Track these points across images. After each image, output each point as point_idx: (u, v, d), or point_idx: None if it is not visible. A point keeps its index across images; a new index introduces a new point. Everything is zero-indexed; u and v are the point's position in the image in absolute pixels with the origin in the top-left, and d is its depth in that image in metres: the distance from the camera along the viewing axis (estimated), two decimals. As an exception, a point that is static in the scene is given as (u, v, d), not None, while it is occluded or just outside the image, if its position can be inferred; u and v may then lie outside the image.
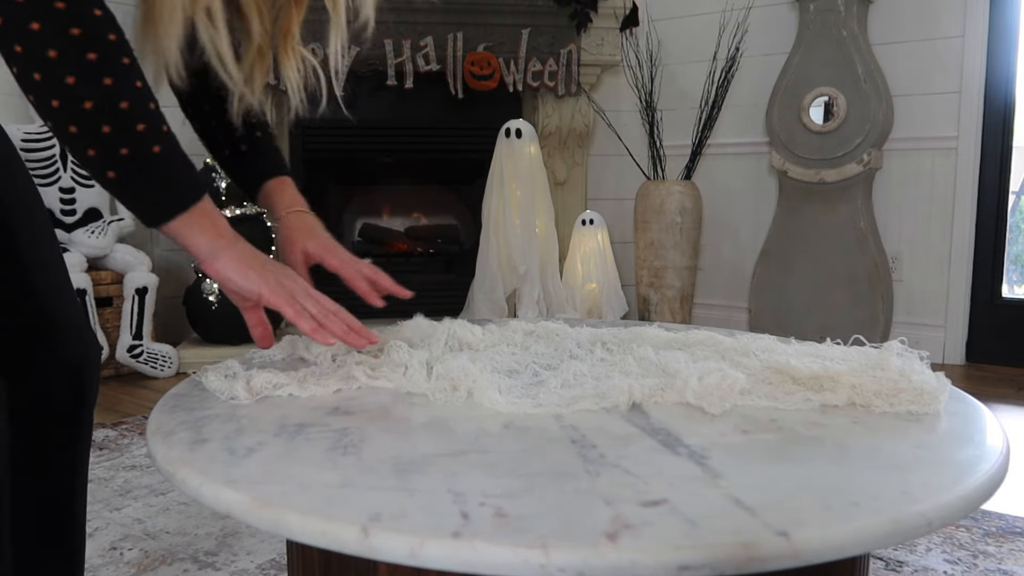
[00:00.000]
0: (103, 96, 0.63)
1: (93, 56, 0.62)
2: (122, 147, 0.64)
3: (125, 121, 0.64)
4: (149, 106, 0.66)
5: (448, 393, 0.72)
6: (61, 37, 0.61)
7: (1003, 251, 3.05)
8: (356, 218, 3.93)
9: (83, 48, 0.62)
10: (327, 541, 0.47)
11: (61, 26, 0.61)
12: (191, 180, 0.70)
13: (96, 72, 0.62)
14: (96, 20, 0.63)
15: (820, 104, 3.12)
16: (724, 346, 0.90)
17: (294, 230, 0.92)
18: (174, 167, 0.68)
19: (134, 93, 0.65)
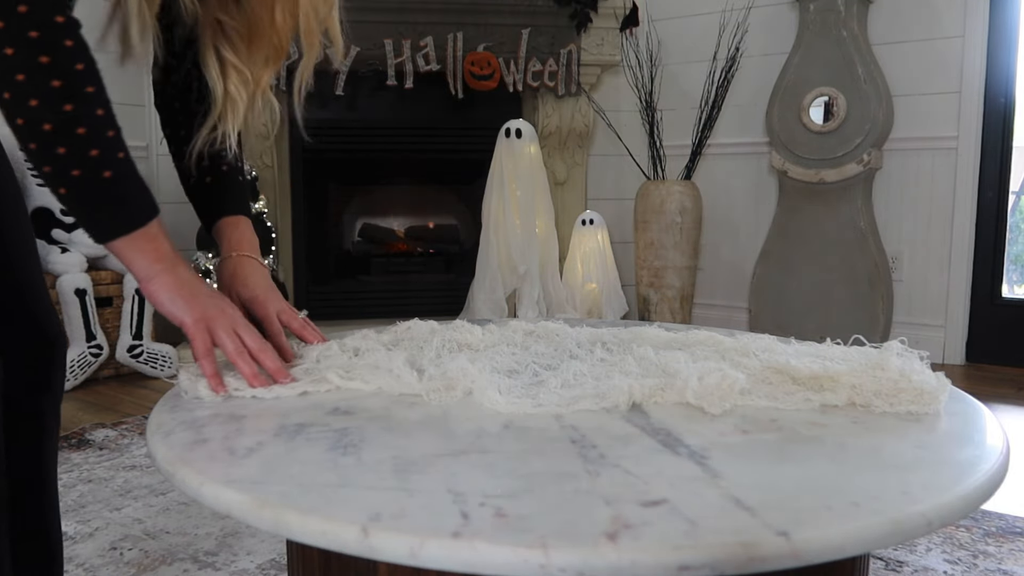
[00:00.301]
0: (62, 121, 0.68)
1: (57, 83, 0.67)
2: (74, 169, 0.69)
3: (80, 145, 0.69)
4: (107, 133, 0.71)
5: (441, 393, 0.72)
6: (30, 63, 0.67)
7: (1003, 251, 3.05)
8: (356, 218, 3.93)
9: (49, 75, 0.67)
10: (327, 541, 0.47)
11: (32, 54, 0.67)
12: (139, 205, 0.74)
13: (58, 98, 0.68)
14: (65, 50, 0.68)
15: (820, 104, 3.12)
16: (724, 346, 0.90)
17: (231, 275, 0.93)
18: (123, 192, 0.73)
19: (92, 120, 0.70)
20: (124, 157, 0.72)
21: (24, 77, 0.66)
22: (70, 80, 0.68)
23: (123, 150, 0.73)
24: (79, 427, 2.25)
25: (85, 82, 0.69)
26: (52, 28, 0.67)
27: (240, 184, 0.99)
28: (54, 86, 0.67)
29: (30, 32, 0.66)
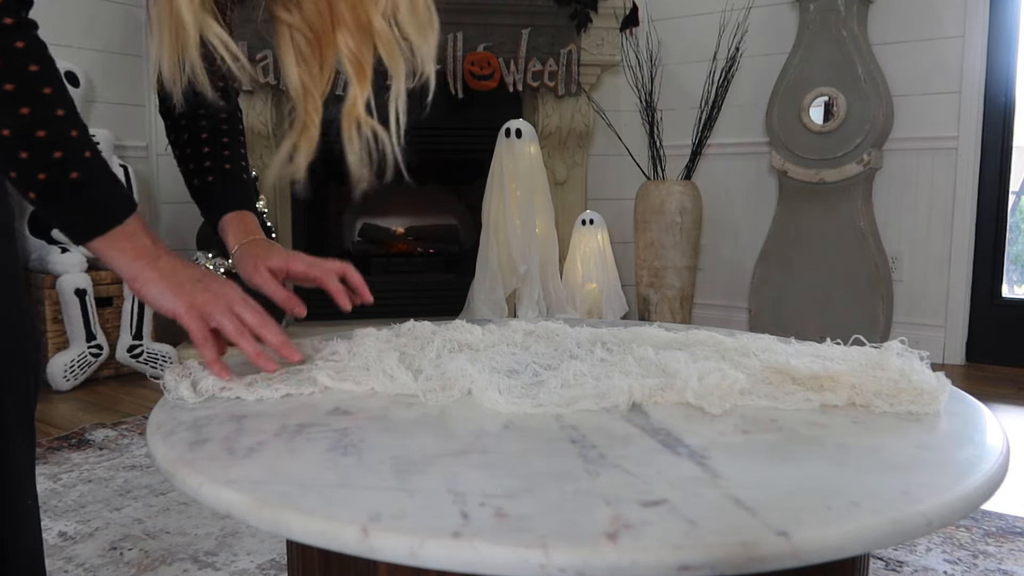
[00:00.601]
0: (20, 125, 0.66)
1: (10, 87, 0.66)
2: (39, 172, 0.68)
3: (41, 149, 0.67)
4: (70, 134, 0.69)
5: (437, 393, 0.72)
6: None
7: (1003, 251, 3.06)
8: (356, 218, 3.93)
9: (1, 79, 0.66)
10: (327, 541, 0.47)
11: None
12: (112, 204, 0.72)
13: (13, 102, 0.66)
14: (17, 52, 0.67)
15: (820, 104, 3.12)
16: (724, 346, 0.90)
17: (251, 255, 0.91)
18: (93, 191, 0.71)
19: (52, 121, 0.68)
20: (91, 156, 0.71)
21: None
22: (24, 82, 0.66)
23: (89, 148, 0.71)
24: (79, 427, 2.25)
25: (41, 83, 0.68)
26: (1, 32, 0.66)
27: (245, 180, 0.98)
28: (7, 90, 0.66)
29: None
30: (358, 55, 0.82)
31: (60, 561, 1.43)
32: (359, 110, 0.84)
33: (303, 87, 0.82)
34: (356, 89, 0.83)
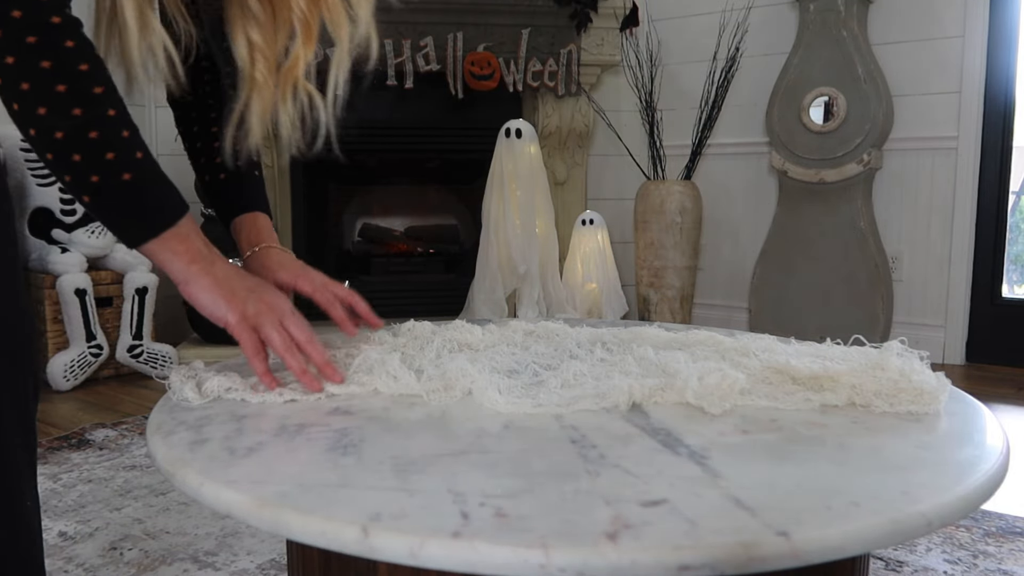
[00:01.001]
0: (72, 127, 0.65)
1: (63, 88, 0.64)
2: (92, 175, 0.67)
3: (94, 150, 0.66)
4: (122, 134, 0.68)
5: (440, 393, 0.72)
6: (32, 70, 0.64)
7: (1003, 251, 3.05)
8: (356, 218, 3.93)
9: (53, 80, 0.64)
10: (327, 541, 0.47)
11: (32, 60, 0.64)
12: (165, 206, 0.71)
13: (65, 103, 0.65)
14: (67, 51, 0.65)
15: (820, 104, 3.12)
16: (724, 346, 0.90)
17: (261, 265, 0.90)
18: (146, 194, 0.70)
19: (104, 122, 0.67)
20: (143, 157, 0.69)
21: (28, 85, 0.63)
22: (75, 83, 0.65)
23: (141, 149, 0.69)
24: (79, 427, 2.25)
25: (92, 83, 0.66)
26: (50, 30, 0.64)
27: (257, 180, 0.96)
28: (59, 91, 0.64)
29: (28, 37, 0.63)
30: (308, 15, 0.80)
31: (60, 561, 1.43)
32: (299, 71, 0.82)
33: (251, 45, 0.79)
34: (301, 49, 0.81)
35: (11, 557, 0.77)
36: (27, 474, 0.79)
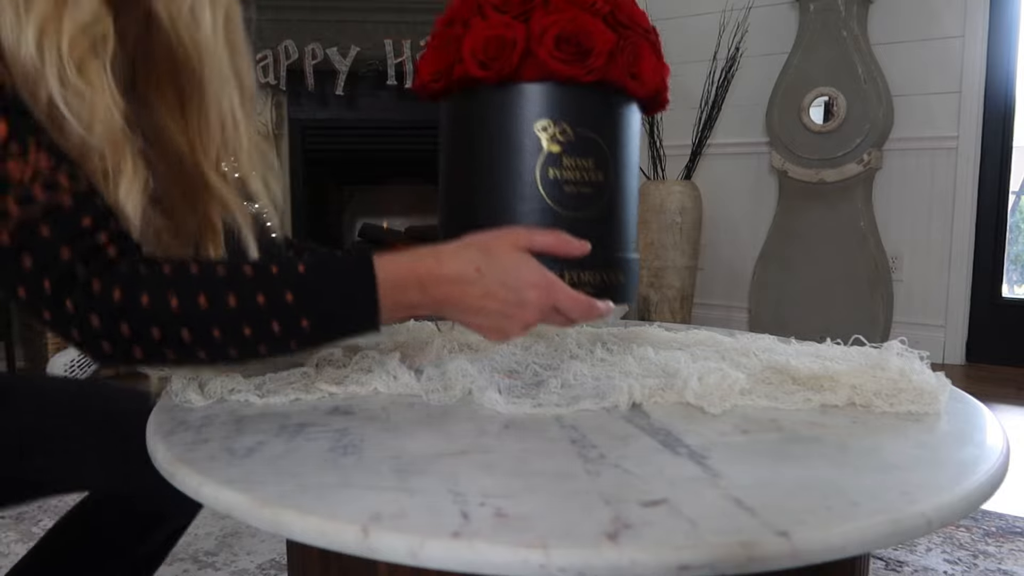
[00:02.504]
0: (248, 342, 0.60)
1: (217, 332, 0.59)
2: (291, 341, 0.61)
3: (272, 335, 0.60)
4: (269, 270, 0.60)
5: (440, 394, 0.72)
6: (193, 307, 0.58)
7: (1003, 251, 3.06)
8: (356, 218, 3.93)
9: (208, 322, 0.59)
10: (327, 541, 0.47)
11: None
12: (356, 302, 0.61)
13: (236, 328, 0.59)
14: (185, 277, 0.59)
15: (820, 104, 3.12)
16: (724, 346, 0.90)
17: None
18: (335, 307, 0.61)
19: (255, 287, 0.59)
20: (305, 273, 0.60)
21: (220, 331, 0.58)
22: (218, 288, 0.58)
23: (289, 289, 0.59)
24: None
25: (229, 296, 0.58)
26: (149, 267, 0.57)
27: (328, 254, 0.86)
28: (215, 335, 0.59)
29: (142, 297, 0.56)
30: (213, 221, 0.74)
31: (60, 561, 1.43)
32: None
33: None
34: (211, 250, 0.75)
35: None
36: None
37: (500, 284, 0.62)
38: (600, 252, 0.64)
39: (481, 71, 0.60)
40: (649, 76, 0.62)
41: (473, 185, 0.66)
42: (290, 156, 3.47)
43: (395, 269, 0.61)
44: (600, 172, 0.63)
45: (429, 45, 0.65)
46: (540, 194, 0.63)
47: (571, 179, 0.62)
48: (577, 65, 0.59)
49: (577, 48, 0.59)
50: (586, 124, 0.62)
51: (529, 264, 0.63)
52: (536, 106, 0.62)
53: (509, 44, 0.59)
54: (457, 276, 0.62)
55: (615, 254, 0.65)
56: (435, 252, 0.63)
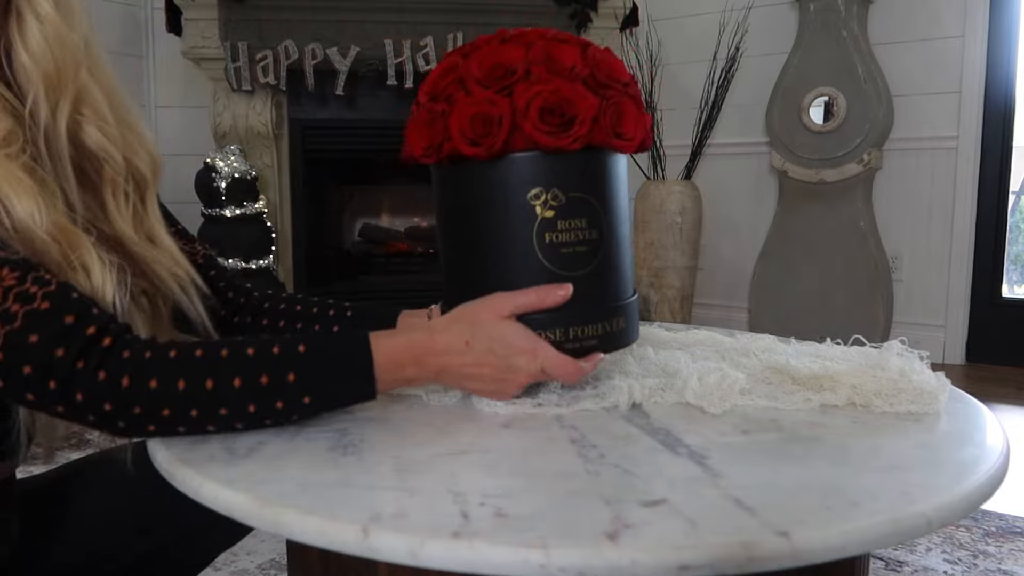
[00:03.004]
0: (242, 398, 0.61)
1: (210, 383, 0.60)
2: (291, 415, 0.63)
3: (255, 414, 0.62)
4: (271, 350, 0.62)
5: (440, 394, 0.72)
6: (197, 391, 0.60)
7: (1003, 251, 3.05)
8: (356, 218, 3.94)
9: (190, 401, 0.61)
10: (327, 541, 0.47)
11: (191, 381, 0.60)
12: (351, 381, 0.64)
13: (222, 395, 0.61)
14: (178, 359, 0.61)
15: (820, 104, 3.12)
16: (724, 346, 0.90)
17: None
18: (334, 376, 0.63)
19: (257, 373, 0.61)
20: (305, 348, 0.62)
21: (198, 411, 0.60)
22: (204, 378, 0.60)
23: (292, 370, 0.61)
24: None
25: (213, 363, 0.61)
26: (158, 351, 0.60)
27: (324, 335, 0.80)
28: (223, 413, 0.60)
29: (151, 380, 0.59)
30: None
31: (60, 561, 1.43)
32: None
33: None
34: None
35: None
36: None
37: (488, 352, 0.65)
38: (600, 305, 0.67)
39: (471, 148, 0.62)
40: (633, 132, 0.64)
41: (472, 253, 0.68)
42: (290, 156, 3.47)
43: (390, 350, 0.64)
44: (594, 230, 0.66)
45: (414, 117, 0.67)
46: (538, 258, 0.65)
47: (567, 240, 0.65)
48: (562, 136, 0.61)
49: (561, 119, 0.61)
50: (576, 187, 0.64)
51: (515, 331, 0.66)
52: (527, 176, 0.64)
53: (496, 121, 0.61)
54: (448, 348, 0.65)
55: (614, 304, 0.69)
56: (427, 328, 0.67)
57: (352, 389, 0.64)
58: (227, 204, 3.05)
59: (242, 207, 3.08)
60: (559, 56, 0.63)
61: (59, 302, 0.59)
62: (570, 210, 0.65)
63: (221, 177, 3.05)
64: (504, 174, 0.64)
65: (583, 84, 0.62)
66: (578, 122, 0.61)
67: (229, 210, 3.06)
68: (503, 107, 0.61)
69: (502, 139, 0.61)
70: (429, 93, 0.66)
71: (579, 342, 0.67)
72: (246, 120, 3.29)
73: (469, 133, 0.62)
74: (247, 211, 3.09)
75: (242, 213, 3.06)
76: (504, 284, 0.67)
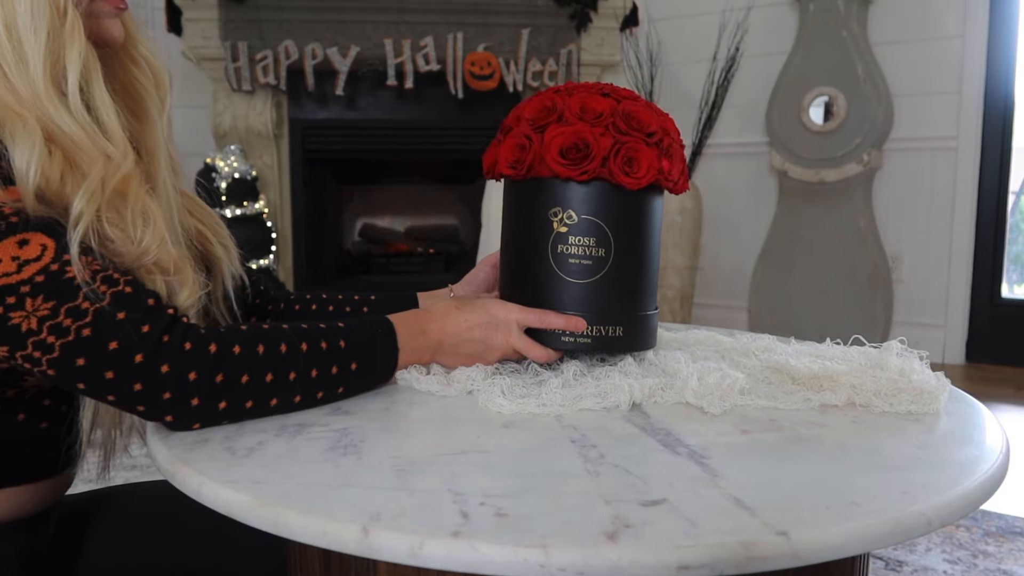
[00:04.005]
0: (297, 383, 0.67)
1: (270, 376, 0.66)
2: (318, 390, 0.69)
3: (323, 378, 0.69)
4: (319, 345, 0.69)
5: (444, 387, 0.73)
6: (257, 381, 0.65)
7: (1003, 251, 3.06)
8: (356, 218, 3.94)
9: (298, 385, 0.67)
10: (327, 541, 0.47)
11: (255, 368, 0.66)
12: (377, 353, 0.73)
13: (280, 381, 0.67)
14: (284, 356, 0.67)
15: (820, 104, 3.12)
16: (724, 346, 0.90)
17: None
18: (362, 354, 0.71)
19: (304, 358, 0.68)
20: (348, 342, 0.70)
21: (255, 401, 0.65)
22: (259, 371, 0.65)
23: (342, 338, 0.70)
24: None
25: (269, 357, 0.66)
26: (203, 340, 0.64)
27: (332, 299, 0.96)
28: (291, 378, 0.66)
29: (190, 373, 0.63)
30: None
31: (60, 561, 1.43)
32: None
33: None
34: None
35: None
36: None
37: (474, 313, 0.78)
38: (599, 312, 0.79)
39: (510, 171, 0.80)
40: (644, 172, 0.76)
41: (510, 252, 0.84)
42: (290, 156, 3.47)
43: (403, 320, 0.76)
44: (602, 248, 0.78)
45: (500, 140, 0.84)
46: (550, 264, 0.79)
47: (575, 253, 0.78)
48: (574, 168, 0.75)
49: (576, 154, 0.75)
50: (586, 211, 0.78)
51: (495, 302, 0.80)
52: (547, 197, 0.78)
53: (527, 151, 0.78)
54: (443, 313, 0.78)
55: (615, 313, 0.79)
56: (428, 310, 0.80)
57: (384, 351, 0.73)
58: (227, 204, 3.05)
59: (242, 207, 3.08)
60: (592, 106, 0.78)
61: (139, 286, 0.64)
62: (581, 229, 0.78)
63: (221, 177, 3.06)
64: (531, 192, 0.80)
65: (606, 128, 0.77)
66: (589, 158, 0.75)
67: (229, 210, 3.06)
68: (535, 141, 0.78)
69: (527, 165, 0.77)
70: (505, 126, 0.84)
71: (574, 337, 0.79)
72: (246, 120, 3.29)
73: (510, 158, 0.80)
74: (247, 211, 3.09)
75: (242, 213, 3.07)
76: (520, 279, 0.82)
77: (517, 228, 0.83)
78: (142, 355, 0.61)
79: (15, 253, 0.60)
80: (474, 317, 0.77)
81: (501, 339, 0.77)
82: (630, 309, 0.80)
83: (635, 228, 0.79)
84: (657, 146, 0.78)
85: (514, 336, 0.78)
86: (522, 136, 0.79)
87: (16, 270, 0.59)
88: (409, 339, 0.74)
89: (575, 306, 0.79)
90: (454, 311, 0.78)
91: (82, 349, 0.60)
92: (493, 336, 0.77)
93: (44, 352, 0.60)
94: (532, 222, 0.79)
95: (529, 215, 0.80)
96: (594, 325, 0.78)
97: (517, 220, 0.82)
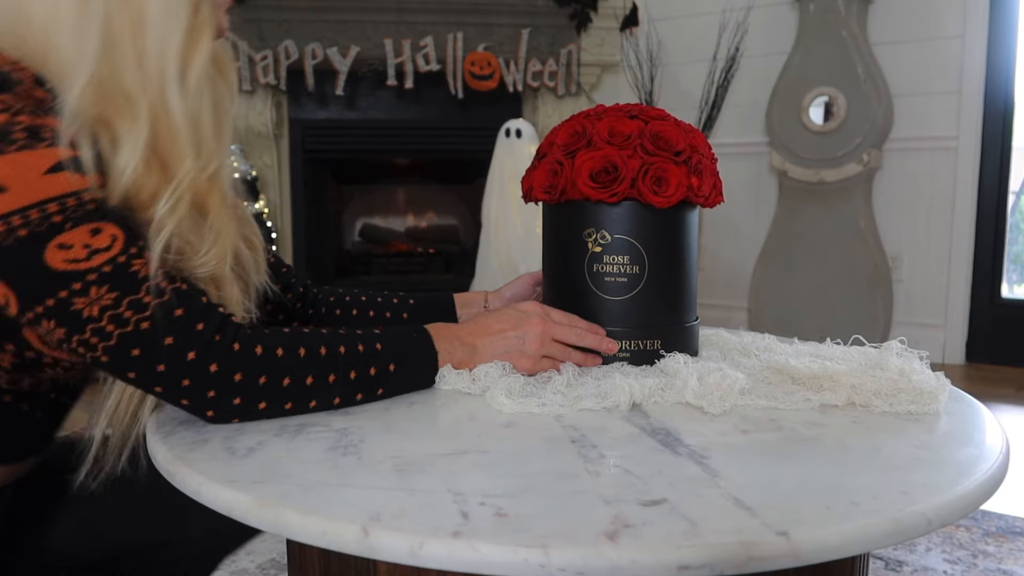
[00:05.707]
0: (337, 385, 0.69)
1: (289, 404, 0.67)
2: (359, 392, 0.70)
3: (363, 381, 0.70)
4: (357, 348, 0.70)
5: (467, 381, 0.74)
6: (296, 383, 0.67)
7: (1003, 251, 3.06)
8: (356, 218, 3.94)
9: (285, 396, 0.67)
10: (327, 541, 0.47)
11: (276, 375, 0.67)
12: (419, 358, 0.75)
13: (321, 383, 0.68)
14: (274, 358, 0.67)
15: (820, 104, 3.12)
16: (724, 345, 0.90)
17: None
18: (404, 357, 0.73)
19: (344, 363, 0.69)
20: (384, 345, 0.72)
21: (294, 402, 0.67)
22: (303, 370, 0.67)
23: (379, 341, 0.71)
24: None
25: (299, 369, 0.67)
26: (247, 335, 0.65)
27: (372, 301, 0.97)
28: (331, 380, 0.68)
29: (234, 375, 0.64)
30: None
31: (60, 561, 1.43)
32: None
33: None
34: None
35: None
36: None
37: (504, 310, 0.81)
38: (635, 327, 0.82)
39: (545, 195, 0.83)
40: (673, 190, 0.79)
41: (551, 272, 0.88)
42: (290, 156, 3.47)
43: (438, 331, 0.77)
44: (636, 266, 0.81)
45: (536, 165, 0.87)
46: (587, 282, 0.82)
47: (610, 272, 0.81)
48: (604, 191, 0.78)
49: (606, 176, 0.78)
50: (619, 230, 0.81)
51: (525, 302, 0.83)
52: (581, 219, 0.82)
53: (559, 175, 0.82)
54: (474, 317, 0.83)
55: (651, 326, 0.82)
56: (459, 322, 0.84)
57: (422, 359, 0.75)
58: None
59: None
60: (620, 128, 0.80)
61: (193, 285, 0.66)
62: (615, 248, 0.81)
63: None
64: (566, 215, 0.84)
65: (634, 150, 0.79)
66: (618, 180, 0.78)
67: (229, 210, 3.06)
68: (566, 166, 0.81)
69: (560, 189, 0.81)
70: (541, 151, 0.87)
71: (613, 353, 0.82)
72: (246, 120, 3.29)
73: (544, 183, 0.84)
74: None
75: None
76: (560, 298, 0.85)
77: (555, 249, 0.87)
78: (194, 352, 0.62)
79: (87, 241, 0.61)
80: (504, 313, 0.80)
81: (536, 327, 0.78)
82: (668, 322, 0.83)
83: (668, 244, 0.82)
84: (686, 164, 0.80)
85: (551, 322, 0.79)
86: (554, 162, 0.82)
87: (86, 257, 0.61)
88: (444, 344, 0.76)
89: (613, 322, 0.81)
90: (483, 316, 0.80)
91: (139, 340, 0.62)
92: (526, 325, 0.78)
93: (102, 339, 0.61)
94: (568, 243, 0.83)
95: (565, 237, 0.84)
96: (632, 339, 0.81)
97: (555, 242, 0.86)
